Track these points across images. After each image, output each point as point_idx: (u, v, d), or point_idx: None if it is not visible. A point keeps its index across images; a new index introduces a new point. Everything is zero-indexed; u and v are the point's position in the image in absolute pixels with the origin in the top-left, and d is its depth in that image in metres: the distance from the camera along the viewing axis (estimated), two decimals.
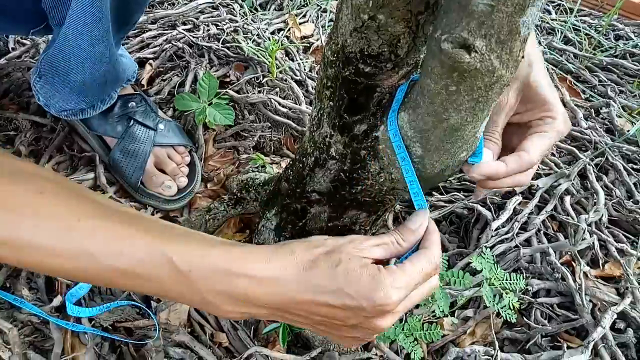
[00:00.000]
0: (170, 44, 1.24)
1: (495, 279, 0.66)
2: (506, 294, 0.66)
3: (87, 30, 0.69)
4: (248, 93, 1.12)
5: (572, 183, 0.96)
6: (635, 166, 1.03)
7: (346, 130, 0.62)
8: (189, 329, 0.76)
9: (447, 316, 0.78)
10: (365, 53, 0.55)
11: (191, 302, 0.47)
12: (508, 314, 0.66)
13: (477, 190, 0.61)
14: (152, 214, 0.92)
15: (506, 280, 0.66)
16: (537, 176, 0.99)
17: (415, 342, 0.66)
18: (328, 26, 1.45)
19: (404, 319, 0.69)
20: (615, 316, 0.74)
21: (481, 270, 0.70)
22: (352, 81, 0.58)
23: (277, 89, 1.15)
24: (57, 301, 0.71)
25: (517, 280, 0.67)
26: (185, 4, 1.39)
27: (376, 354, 0.74)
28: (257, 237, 0.80)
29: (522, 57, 0.46)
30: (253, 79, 1.16)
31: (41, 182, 0.43)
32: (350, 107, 0.61)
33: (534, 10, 0.41)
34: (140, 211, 0.90)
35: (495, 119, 0.56)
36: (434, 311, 0.72)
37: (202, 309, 0.75)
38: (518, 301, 0.68)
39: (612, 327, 0.75)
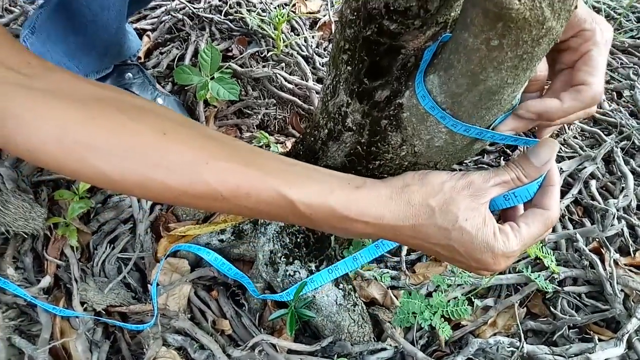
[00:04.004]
0: (170, 16, 1.20)
1: (530, 249, 0.62)
2: (544, 257, 0.62)
3: None
4: (252, 67, 1.07)
5: (598, 167, 0.91)
6: None
7: (366, 97, 0.57)
8: (189, 315, 0.71)
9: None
10: (391, 8, 0.50)
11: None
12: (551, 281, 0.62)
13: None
14: None
15: (547, 253, 0.62)
16: (560, 159, 0.94)
17: (443, 319, 0.62)
18: (336, 2, 1.39)
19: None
20: None
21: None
22: (374, 42, 0.53)
23: (283, 64, 1.10)
24: (45, 282, 0.67)
25: (551, 255, 0.63)
26: None
27: (390, 345, 0.70)
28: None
29: (576, 6, 0.41)
30: (257, 53, 1.11)
31: (165, 122, 0.46)
32: (371, 71, 0.56)
33: None
34: None
35: None
36: (455, 305, 0.68)
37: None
38: (543, 285, 0.64)
39: None
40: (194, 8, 1.20)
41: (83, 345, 0.62)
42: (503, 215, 0.53)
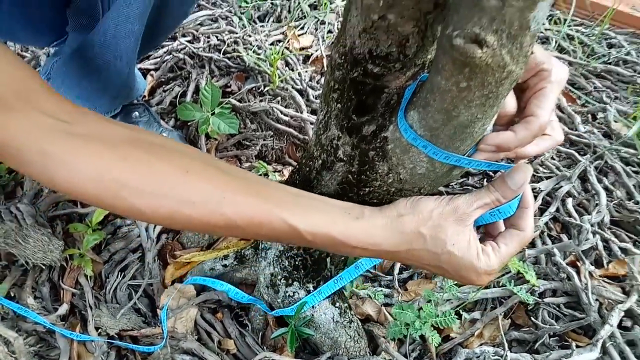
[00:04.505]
0: (171, 55, 1.25)
1: (513, 265, 0.67)
2: (525, 273, 0.67)
3: (114, 44, 0.69)
4: (250, 102, 1.13)
5: (574, 185, 0.96)
6: (633, 168, 1.03)
7: (354, 131, 0.62)
8: (197, 336, 0.75)
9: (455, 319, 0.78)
10: (374, 54, 0.55)
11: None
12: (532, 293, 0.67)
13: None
14: (154, 226, 0.91)
15: (527, 268, 0.67)
16: (538, 179, 0.99)
17: (432, 329, 0.66)
18: (326, 37, 1.46)
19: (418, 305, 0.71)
20: (622, 314, 0.74)
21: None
22: (360, 82, 0.58)
23: (279, 98, 1.15)
24: (62, 309, 0.70)
25: (530, 269, 0.68)
26: None
27: (384, 358, 0.73)
28: (263, 242, 0.79)
29: (532, 52, 0.46)
30: (254, 89, 1.17)
31: (186, 159, 0.51)
32: (359, 108, 0.61)
33: (545, 5, 0.41)
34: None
35: None
36: (443, 315, 0.72)
37: None
38: (524, 297, 0.68)
39: (619, 325, 0.75)
40: (194, 48, 1.26)
41: None
42: (486, 228, 0.58)
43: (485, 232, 0.58)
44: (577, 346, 0.71)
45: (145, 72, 1.20)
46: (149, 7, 0.67)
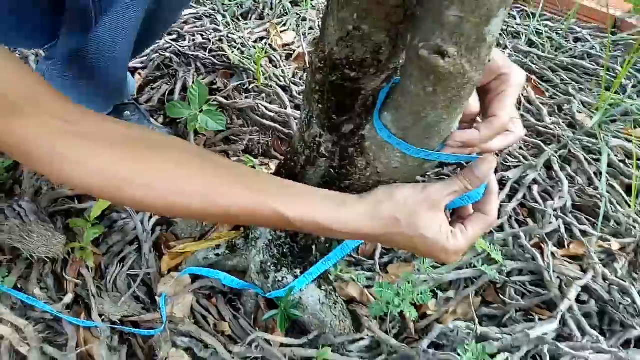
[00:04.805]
0: (158, 54, 1.28)
1: (480, 245, 0.74)
2: (492, 252, 0.73)
3: (109, 51, 0.73)
4: (236, 99, 1.17)
5: (539, 173, 1.03)
6: (594, 156, 1.11)
7: (335, 130, 0.67)
8: (193, 320, 0.80)
9: (432, 299, 0.84)
10: (351, 60, 0.60)
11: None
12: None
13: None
14: (150, 217, 0.94)
15: (493, 249, 0.74)
16: (507, 168, 1.06)
17: (410, 305, 0.72)
18: (308, 33, 1.50)
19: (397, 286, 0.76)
20: (580, 289, 0.81)
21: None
22: (339, 85, 0.63)
23: (263, 95, 1.19)
24: (68, 299, 0.75)
25: (496, 249, 0.74)
26: None
27: (367, 335, 0.79)
28: (252, 231, 0.84)
29: (490, 60, 0.52)
30: (240, 86, 1.21)
31: (182, 155, 0.56)
32: (338, 108, 0.66)
33: (498, 21, 0.46)
34: (138, 215, 0.93)
35: None
36: (420, 293, 0.79)
37: None
38: (493, 277, 0.75)
39: (577, 299, 0.81)
40: (180, 46, 1.30)
41: (105, 350, 0.70)
42: (457, 211, 0.64)
43: (456, 214, 0.64)
44: (540, 319, 0.78)
45: (133, 71, 1.23)
46: (142, 15, 0.71)
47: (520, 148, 1.12)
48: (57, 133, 0.52)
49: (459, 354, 0.69)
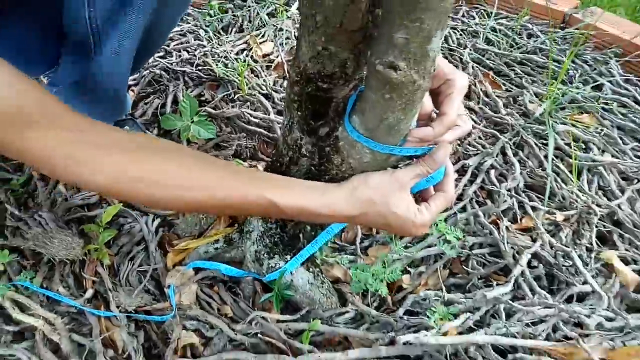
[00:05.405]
0: (148, 71, 1.35)
1: (440, 228, 0.84)
2: (447, 234, 0.83)
3: (110, 80, 0.79)
4: (223, 109, 1.25)
5: (495, 159, 1.14)
6: (544, 141, 1.21)
7: (313, 133, 0.76)
8: (199, 306, 0.88)
9: (406, 274, 0.94)
10: (322, 74, 0.69)
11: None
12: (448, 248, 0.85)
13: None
14: (153, 220, 1.03)
15: (450, 230, 0.84)
16: (467, 157, 1.16)
17: (381, 282, 0.82)
18: (285, 43, 1.59)
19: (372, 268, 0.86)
20: (530, 256, 0.90)
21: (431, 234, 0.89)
22: (314, 95, 0.72)
23: (248, 103, 1.28)
24: (88, 294, 0.83)
25: (454, 230, 0.85)
26: None
27: (351, 309, 0.89)
28: (246, 224, 0.93)
29: (434, 70, 0.61)
30: (226, 96, 1.29)
31: (184, 157, 0.63)
32: (314, 115, 0.75)
33: (437, 40, 0.55)
34: (143, 218, 1.01)
35: None
36: (391, 272, 0.88)
37: None
38: (458, 252, 0.85)
39: (528, 265, 0.91)
40: (168, 63, 1.37)
41: (125, 335, 0.78)
42: (421, 195, 0.73)
43: (420, 197, 0.73)
44: (498, 284, 0.89)
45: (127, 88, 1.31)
46: (140, 37, 0.78)
47: (480, 138, 1.22)
48: (72, 143, 0.57)
49: (428, 317, 0.79)
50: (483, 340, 0.75)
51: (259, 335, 0.81)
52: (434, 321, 0.78)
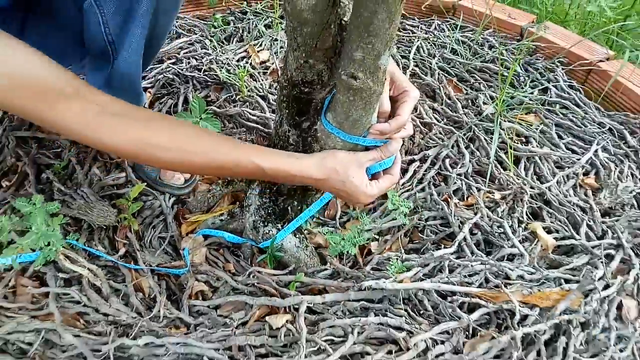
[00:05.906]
0: (162, 75, 1.52)
1: (394, 201, 1.03)
2: (401, 206, 1.03)
3: (130, 75, 0.98)
4: (226, 108, 1.43)
5: (450, 150, 1.33)
6: (492, 136, 1.40)
7: (298, 127, 0.95)
8: (208, 264, 1.07)
9: (374, 241, 1.14)
10: (304, 80, 0.87)
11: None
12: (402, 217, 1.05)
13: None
14: (169, 198, 1.21)
15: (403, 202, 1.03)
16: (428, 148, 1.36)
17: (352, 245, 1.01)
18: (280, 52, 1.77)
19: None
20: (471, 225, 1.09)
21: (395, 208, 1.08)
22: (298, 97, 0.91)
23: (247, 103, 1.46)
24: (121, 252, 1.02)
25: (406, 202, 1.04)
26: (168, 43, 1.69)
27: (330, 267, 1.08)
28: (246, 200, 1.12)
29: (385, 79, 0.80)
30: (229, 97, 1.48)
31: (189, 129, 0.77)
32: (299, 112, 0.94)
33: (385, 57, 0.73)
34: (161, 196, 1.20)
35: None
36: (368, 238, 1.08)
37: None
38: (416, 223, 1.04)
39: (470, 232, 1.09)
40: (179, 69, 1.54)
41: (152, 282, 0.97)
42: (374, 176, 0.89)
43: (373, 177, 0.90)
44: (445, 247, 1.09)
45: (144, 90, 1.49)
46: (143, 45, 0.93)
47: (440, 133, 1.42)
48: (97, 113, 0.65)
49: (388, 270, 0.98)
50: (429, 287, 0.94)
51: (255, 284, 1.00)
52: (392, 273, 0.97)
